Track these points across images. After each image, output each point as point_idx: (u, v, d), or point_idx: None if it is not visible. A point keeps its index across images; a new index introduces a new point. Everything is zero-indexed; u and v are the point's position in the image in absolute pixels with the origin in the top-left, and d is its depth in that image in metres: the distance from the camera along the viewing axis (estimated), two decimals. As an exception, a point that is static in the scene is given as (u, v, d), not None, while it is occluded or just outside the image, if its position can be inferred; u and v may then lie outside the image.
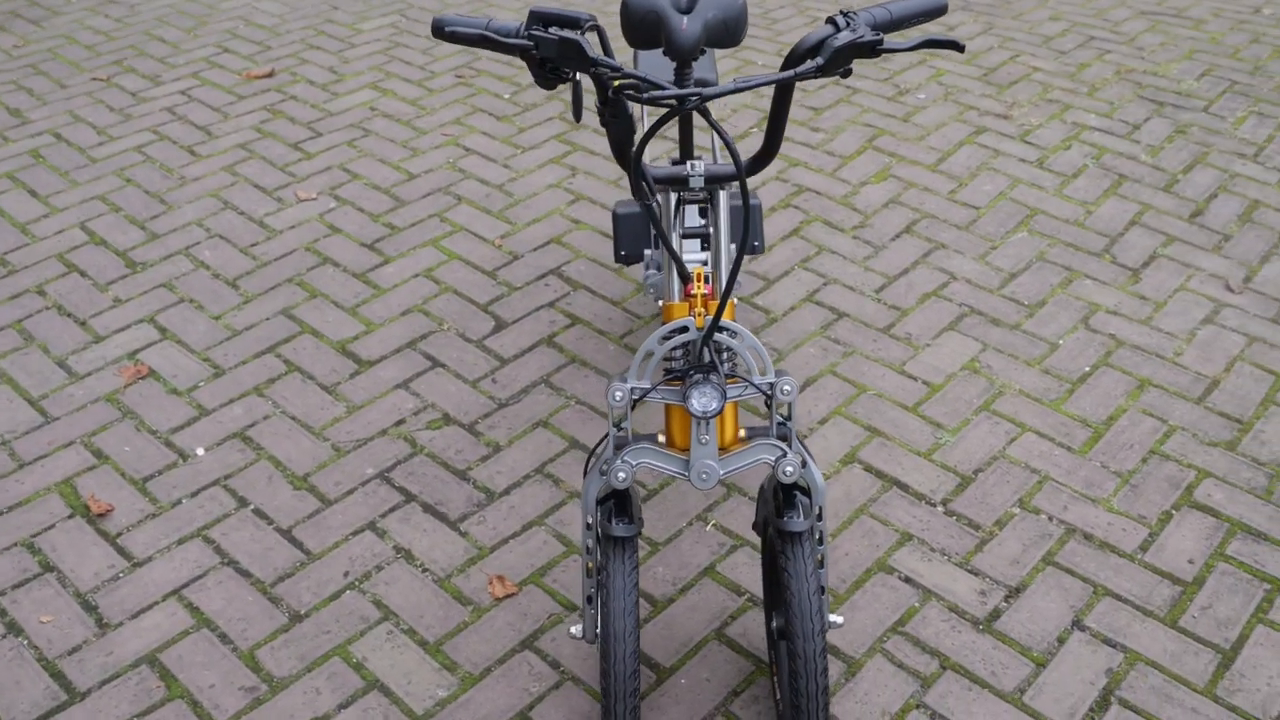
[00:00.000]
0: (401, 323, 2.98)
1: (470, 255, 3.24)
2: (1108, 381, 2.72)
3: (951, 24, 4.53)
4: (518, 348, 2.89)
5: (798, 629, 1.66)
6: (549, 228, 3.34)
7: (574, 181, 3.56)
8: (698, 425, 1.71)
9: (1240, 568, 2.25)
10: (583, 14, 1.54)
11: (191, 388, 2.79)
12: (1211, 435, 2.56)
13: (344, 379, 2.80)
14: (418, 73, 4.25)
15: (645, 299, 3.04)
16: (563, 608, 2.21)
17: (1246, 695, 2.01)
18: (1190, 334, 2.87)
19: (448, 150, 3.74)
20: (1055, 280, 3.07)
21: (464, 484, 2.50)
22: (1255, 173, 3.50)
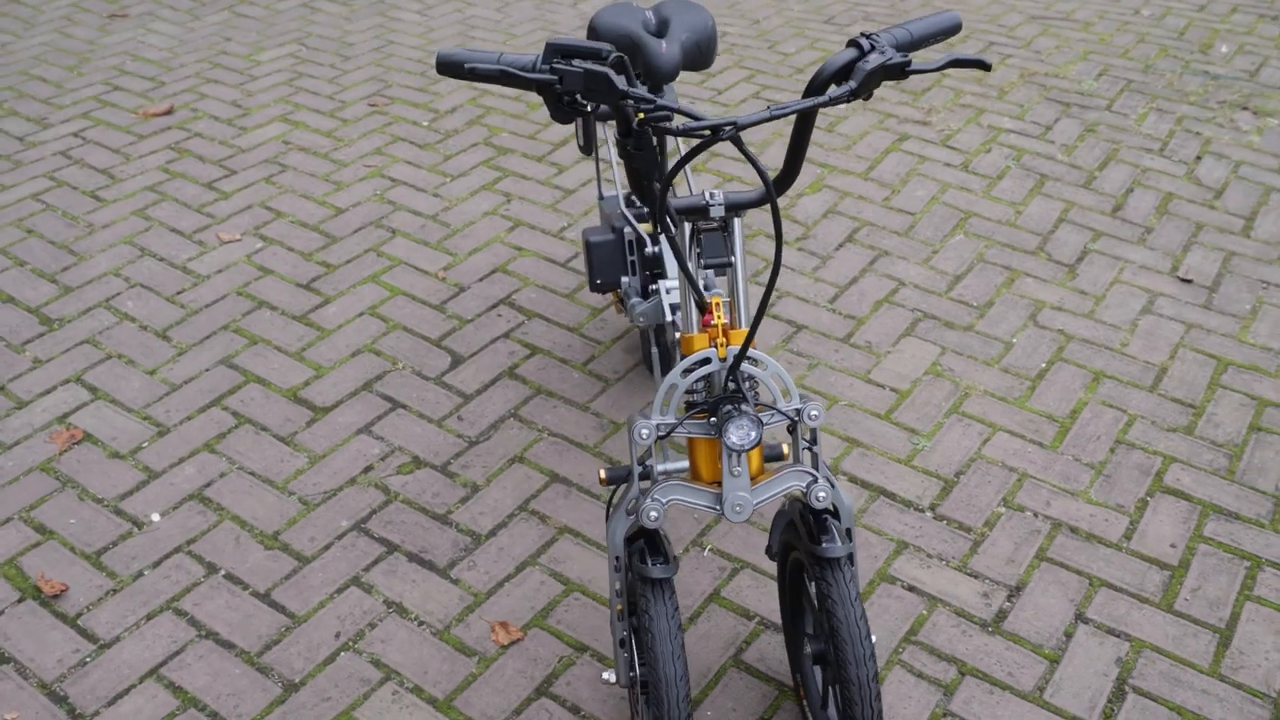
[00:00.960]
0: (353, 364, 2.87)
1: (414, 289, 3.13)
2: (1065, 376, 2.80)
3: (854, 35, 4.61)
4: (479, 382, 2.81)
5: (848, 655, 1.64)
6: (492, 256, 3.26)
7: (510, 208, 3.49)
8: (730, 457, 1.68)
9: (1220, 548, 2.33)
10: (603, 45, 1.50)
11: (135, 449, 2.62)
12: (1169, 421, 2.66)
13: (300, 428, 2.68)
14: (328, 103, 4.12)
15: (604, 324, 2.99)
16: (572, 649, 2.14)
17: (1249, 671, 2.08)
18: (1132, 325, 2.97)
19: (373, 182, 3.62)
20: (999, 280, 3.14)
21: (447, 529, 2.41)
22: (1164, 166, 3.66)
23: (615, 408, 2.72)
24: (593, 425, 2.67)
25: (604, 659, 2.12)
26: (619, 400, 2.74)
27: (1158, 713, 2.01)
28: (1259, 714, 2.00)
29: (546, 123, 3.96)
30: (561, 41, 1.50)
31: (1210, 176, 3.60)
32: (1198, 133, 3.83)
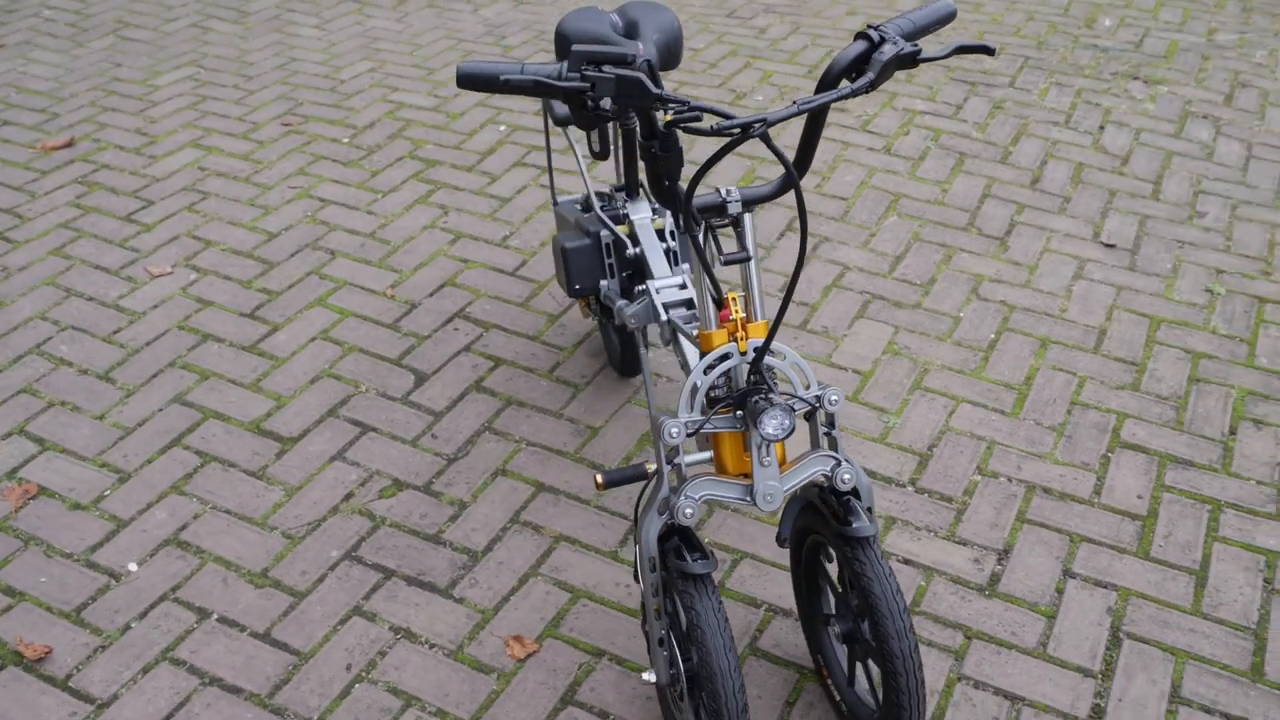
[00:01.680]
0: (314, 391, 2.80)
1: (364, 310, 3.08)
2: (1014, 345, 2.92)
3: (762, 26, 4.70)
4: (447, 398, 2.78)
5: (889, 629, 1.69)
6: (438, 271, 3.23)
7: (448, 221, 3.45)
8: (759, 448, 1.71)
9: (1182, 495, 2.47)
10: (628, 50, 1.51)
11: (97, 499, 2.52)
12: (1116, 379, 2.80)
13: (270, 461, 2.61)
14: (239, 125, 4.00)
15: (563, 330, 2.99)
16: (590, 655, 2.15)
17: (1228, 607, 2.21)
18: (1067, 291, 3.12)
19: (301, 204, 3.54)
20: (937, 258, 3.25)
21: (441, 548, 2.39)
22: (1071, 138, 3.84)
23: (589, 413, 2.72)
24: (569, 432, 2.67)
25: (623, 661, 2.14)
26: (591, 405, 2.75)
27: (1153, 654, 2.12)
28: (1243, 645, 2.13)
29: (470, 132, 3.93)
30: (588, 49, 1.50)
31: (1115, 144, 3.79)
32: (1097, 104, 4.03)
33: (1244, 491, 2.47)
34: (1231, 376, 2.79)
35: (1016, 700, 2.05)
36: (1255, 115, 3.95)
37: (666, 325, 2.09)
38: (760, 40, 4.59)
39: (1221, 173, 3.63)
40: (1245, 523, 2.39)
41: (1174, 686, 2.06)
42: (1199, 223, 3.39)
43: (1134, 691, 2.05)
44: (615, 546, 2.38)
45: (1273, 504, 2.44)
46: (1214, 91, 4.11)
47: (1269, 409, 2.69)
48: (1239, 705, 2.03)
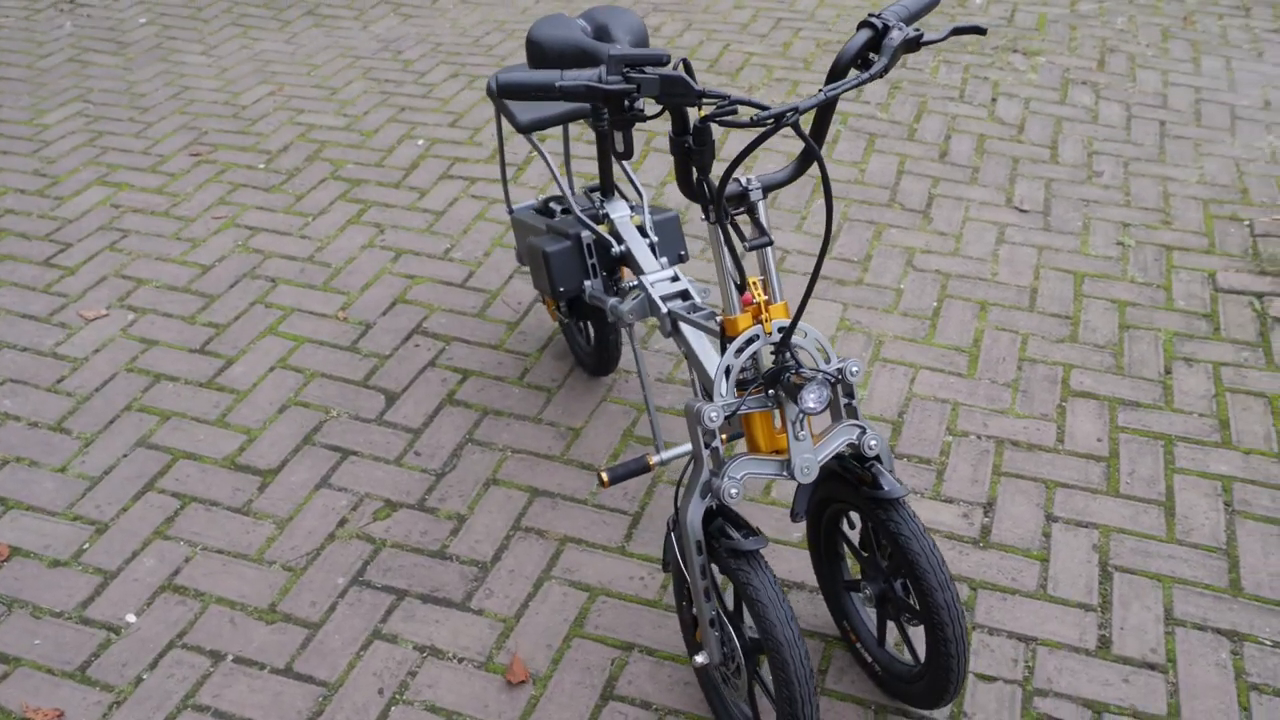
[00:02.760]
0: (284, 421, 2.75)
1: (318, 335, 3.03)
2: (956, 310, 3.07)
3: (654, 25, 4.78)
4: (422, 415, 2.77)
5: (932, 583, 1.79)
6: (387, 289, 3.20)
7: (386, 239, 3.42)
8: (794, 423, 1.79)
9: (1136, 434, 2.66)
10: (662, 52, 1.56)
11: (77, 553, 2.42)
12: (1055, 334, 2.98)
13: (253, 496, 2.55)
14: (144, 159, 3.86)
15: (524, 337, 3.01)
16: (619, 649, 2.19)
17: (1198, 532, 2.40)
18: (994, 255, 3.29)
19: (230, 233, 3.45)
20: (868, 235, 3.39)
21: (449, 563, 2.38)
22: (968, 111, 4.04)
23: (567, 415, 2.75)
24: (552, 435, 2.70)
25: (654, 651, 2.18)
26: (568, 407, 2.78)
27: (1141, 583, 2.28)
28: (1218, 565, 2.32)
29: (388, 149, 3.89)
30: (623, 53, 1.55)
31: (1009, 115, 4.00)
32: (985, 77, 4.25)
33: (1189, 424, 2.67)
34: (1156, 320, 3.01)
35: (1030, 641, 2.18)
36: (1127, 78, 4.23)
37: (667, 317, 2.14)
38: (656, 39, 4.67)
39: (1108, 133, 3.88)
40: (1196, 453, 2.59)
41: (1166, 610, 2.23)
42: (1098, 182, 3.62)
43: (1132, 619, 2.21)
44: (621, 542, 2.42)
45: (1216, 433, 2.64)
46: (1086, 59, 4.39)
47: (1195, 347, 2.91)
48: (1226, 619, 2.20)
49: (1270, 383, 2.78)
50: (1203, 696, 2.06)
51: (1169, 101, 4.07)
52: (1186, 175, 3.62)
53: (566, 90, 1.53)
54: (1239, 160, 3.70)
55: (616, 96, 1.54)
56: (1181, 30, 4.57)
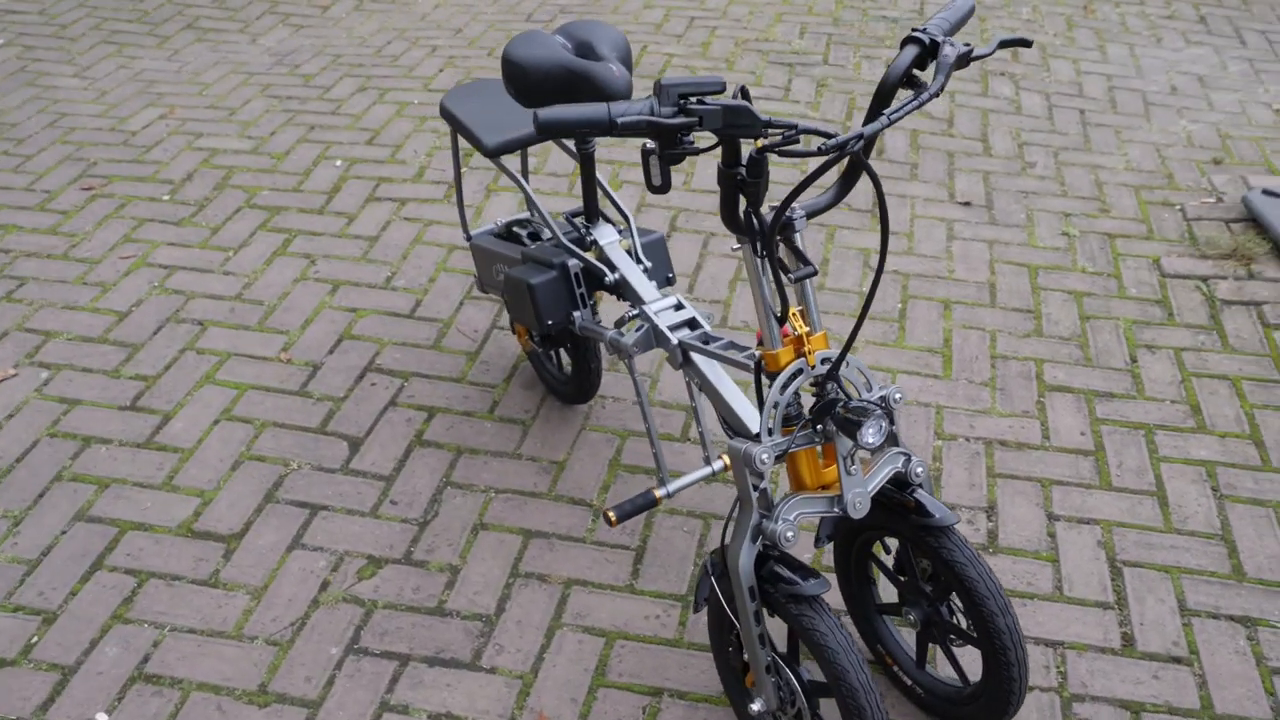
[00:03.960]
0: (239, 479, 2.54)
1: (262, 380, 2.82)
2: (921, 311, 3.05)
3: (562, 28, 4.65)
4: (391, 460, 2.59)
5: (993, 608, 1.74)
6: (330, 325, 3.00)
7: (319, 270, 3.21)
8: (845, 458, 1.71)
9: (1116, 425, 2.68)
10: (715, 80, 1.46)
11: (25, 649, 2.18)
12: (1020, 328, 2.99)
13: (218, 565, 2.34)
14: (29, 196, 3.54)
15: (487, 367, 2.86)
16: (649, 696, 2.08)
17: (1194, 519, 2.43)
18: (947, 251, 3.29)
19: (143, 274, 3.19)
20: (821, 237, 3.35)
21: (449, 620, 2.23)
22: (893, 106, 4.04)
23: (547, 448, 2.62)
24: (534, 471, 2.56)
25: (684, 694, 2.08)
26: (547, 439, 2.64)
27: (1151, 576, 2.29)
28: (1218, 551, 2.35)
29: (304, 172, 3.67)
30: (673, 81, 1.44)
31: (937, 109, 4.03)
32: (905, 72, 4.27)
33: (1164, 412, 2.71)
34: (1113, 310, 3.05)
35: (1057, 645, 2.16)
36: (1042, 68, 4.31)
37: (678, 349, 2.03)
38: (568, 43, 4.54)
39: (1033, 124, 3.94)
40: (1176, 440, 2.63)
41: (1180, 602, 2.24)
42: (1032, 173, 3.66)
43: (1150, 614, 2.21)
44: (628, 580, 2.31)
45: (1190, 419, 2.69)
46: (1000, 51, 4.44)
47: (1153, 334, 2.96)
48: (1236, 605, 2.23)
49: (1230, 365, 2.84)
50: (1230, 686, 2.07)
51: (1084, 90, 4.16)
52: (1114, 163, 3.70)
53: (628, 126, 1.41)
54: (1159, 145, 3.80)
55: (674, 131, 1.43)
56: (1084, 19, 4.68)
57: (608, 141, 3.78)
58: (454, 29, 4.70)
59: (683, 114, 1.45)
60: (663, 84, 1.45)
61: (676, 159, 1.48)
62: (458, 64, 4.39)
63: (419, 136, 3.89)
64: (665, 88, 1.45)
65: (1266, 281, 3.11)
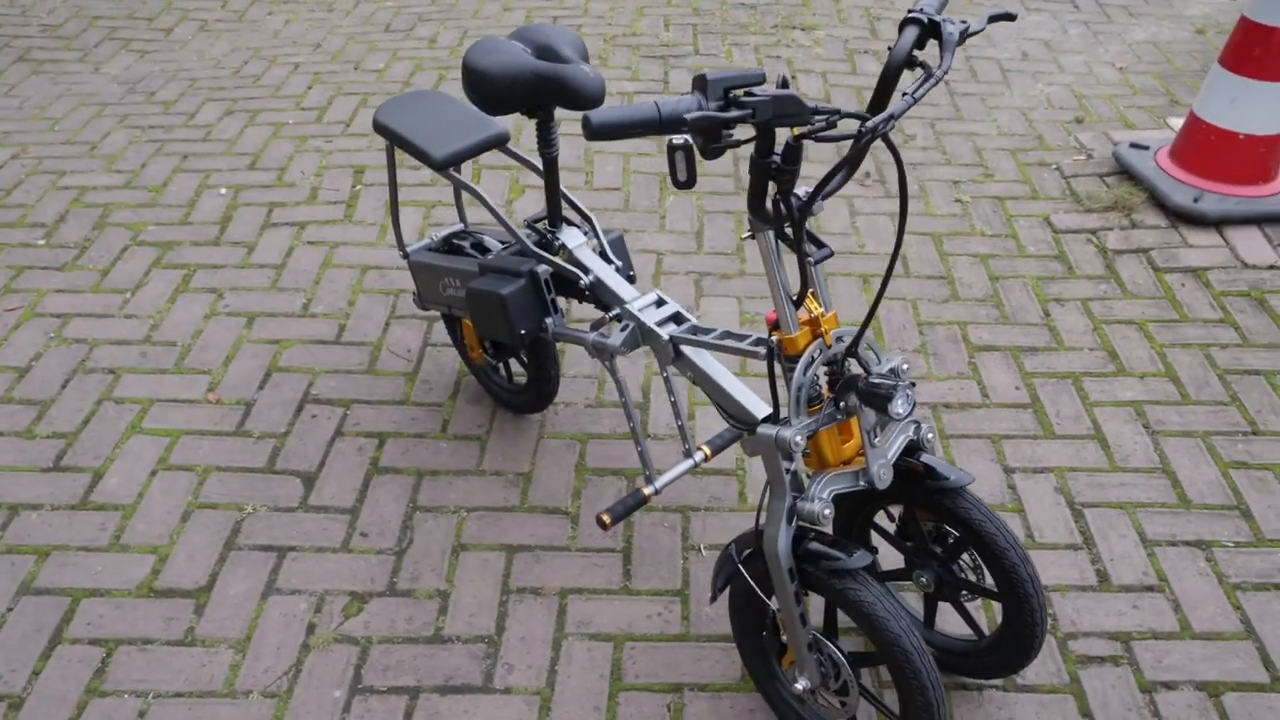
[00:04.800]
0: (193, 530, 2.40)
1: (194, 424, 2.67)
2: (843, 287, 3.14)
3: (428, 35, 4.56)
4: (352, 491, 2.50)
5: (1014, 559, 1.81)
6: (253, 360, 2.86)
7: (228, 303, 3.06)
8: (870, 431, 1.75)
9: (1046, 377, 2.83)
10: (755, 71, 1.47)
11: (-8, 740, 2.01)
12: (938, 295, 3.11)
13: (192, 623, 2.21)
14: (-116, 254, 3.24)
15: (428, 386, 2.79)
16: (671, 693, 2.08)
17: (1135, 458, 2.59)
18: (854, 228, 3.40)
19: (35, 325, 2.96)
20: (730, 225, 3.40)
21: (452, 645, 2.17)
22: (773, 91, 4.14)
23: (509, 460, 2.58)
24: (502, 486, 2.52)
25: (705, 686, 2.09)
26: (506, 452, 2.60)
27: (1108, 514, 2.44)
28: (1162, 483, 2.51)
29: (188, 203, 3.48)
30: (717, 75, 1.45)
31: (813, 90, 4.14)
32: (778, 56, 4.37)
33: (1085, 360, 2.87)
34: (1018, 269, 3.22)
35: (1042, 590, 2.27)
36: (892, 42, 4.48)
37: (669, 345, 2.04)
38: (436, 50, 4.46)
39: (905, 99, 4.10)
40: (1102, 384, 2.79)
41: (1140, 535, 2.39)
42: (915, 144, 3.82)
43: (1116, 549, 2.35)
44: (622, 581, 2.30)
45: (1109, 364, 2.86)
46: (858, 28, 4.61)
47: (1059, 287, 3.14)
48: (1190, 531, 2.39)
49: (1133, 310, 3.04)
50: (1202, 605, 2.23)
51: (943, 62, 4.35)
52: (987, 129, 3.90)
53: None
54: (1023, 110, 4.02)
55: (725, 124, 1.43)
56: (932, -5, 4.89)
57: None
58: (312, 44, 4.54)
59: (734, 106, 1.45)
60: (708, 78, 1.45)
61: (719, 153, 1.49)
62: (325, 80, 4.25)
63: (303, 157, 3.74)
64: (711, 82, 1.45)
65: (1149, 229, 3.34)
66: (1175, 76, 4.27)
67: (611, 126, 1.41)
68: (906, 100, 1.53)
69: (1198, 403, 2.72)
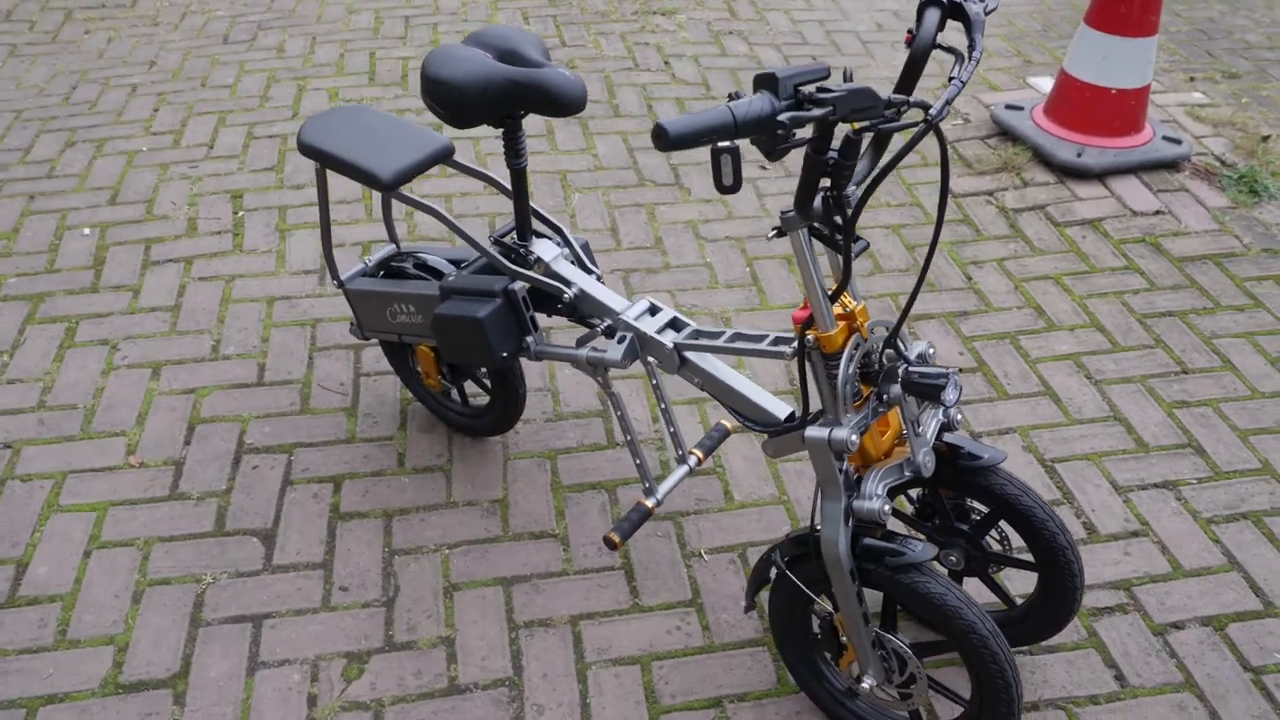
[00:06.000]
0: (150, 611, 2.16)
1: (120, 494, 2.40)
2: (768, 270, 3.13)
3: (274, 44, 4.27)
4: (319, 543, 2.31)
5: (1052, 528, 1.83)
6: (171, 413, 2.60)
7: (126, 354, 2.77)
8: (913, 421, 1.73)
9: (985, 339, 2.90)
10: (821, 66, 1.40)
11: None
12: (862, 268, 3.15)
13: (175, 713, 1.99)
14: None
15: (374, 421, 2.60)
16: (711, 708, 2.00)
17: (1087, 408, 2.68)
18: (764, 209, 3.39)
19: (-96, 404, 2.61)
20: (643, 217, 3.34)
21: (472, 694, 2.03)
22: (651, 78, 4.08)
23: (480, 488, 2.45)
24: (478, 516, 2.38)
25: (744, 696, 2.03)
26: (474, 479, 2.46)
27: (1078, 466, 2.51)
28: (1118, 430, 2.61)
29: (49, 248, 3.13)
30: (786, 72, 1.38)
31: (689, 75, 4.11)
32: (647, 43, 4.32)
33: (1016, 319, 2.96)
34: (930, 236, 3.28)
35: (1039, 549, 2.32)
36: (760, 22, 4.52)
37: (674, 353, 1.96)
38: (287, 60, 4.19)
39: (779, 77, 4.12)
40: (1038, 341, 2.88)
41: (1112, 483, 2.48)
42: (801, 122, 3.84)
43: (1095, 501, 2.43)
44: (631, 599, 2.21)
45: (1039, 319, 2.95)
46: (717, 10, 4.61)
47: (974, 250, 3.22)
48: (1155, 473, 2.49)
49: (1045, 265, 3.16)
50: (1185, 544, 2.33)
51: (806, 37, 4.41)
52: (866, 101, 3.96)
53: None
54: (890, 79, 4.11)
55: (822, 123, 1.38)
56: (783, -28, 4.95)
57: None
58: (144, 63, 4.18)
59: (809, 103, 1.38)
60: (778, 76, 1.38)
61: (784, 153, 1.42)
62: (172, 100, 3.92)
63: (169, 186, 3.44)
64: (782, 80, 1.38)
65: (1041, 186, 3.48)
66: (1021, 38, 4.47)
67: (689, 136, 1.32)
68: (955, 85, 1.51)
69: (1128, 349, 2.85)
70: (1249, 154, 3.64)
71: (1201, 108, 3.95)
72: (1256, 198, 3.43)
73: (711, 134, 1.34)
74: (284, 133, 3.71)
